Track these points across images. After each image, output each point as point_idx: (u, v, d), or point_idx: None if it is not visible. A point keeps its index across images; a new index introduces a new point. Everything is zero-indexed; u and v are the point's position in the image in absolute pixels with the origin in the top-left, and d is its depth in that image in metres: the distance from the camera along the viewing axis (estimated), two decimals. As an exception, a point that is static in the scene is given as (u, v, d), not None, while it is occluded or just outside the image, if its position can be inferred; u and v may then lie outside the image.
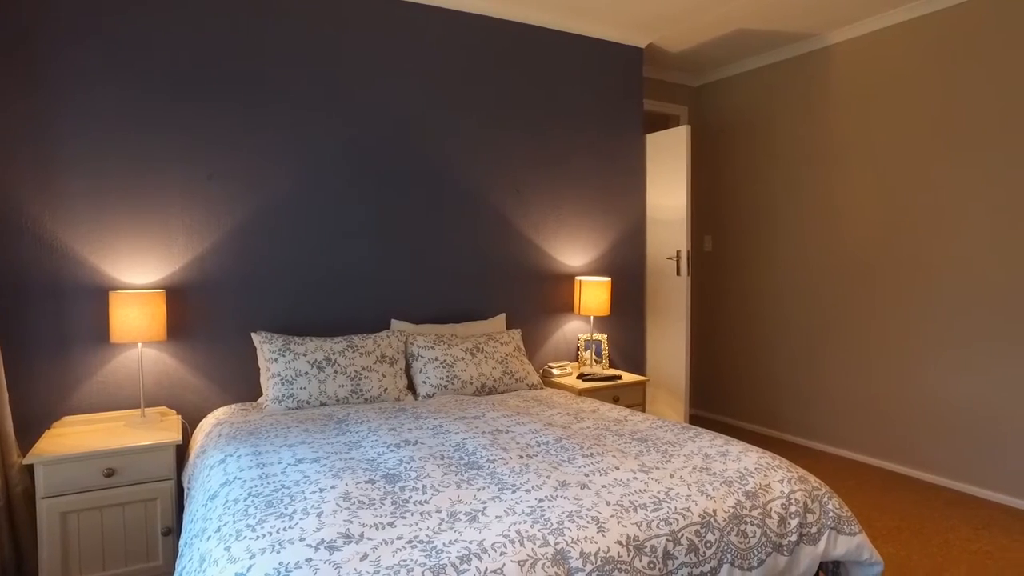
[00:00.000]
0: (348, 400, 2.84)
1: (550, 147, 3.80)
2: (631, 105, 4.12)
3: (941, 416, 3.65)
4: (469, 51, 3.51)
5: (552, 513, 1.61)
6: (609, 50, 4.01)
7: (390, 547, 1.44)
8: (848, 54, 4.07)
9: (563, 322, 3.89)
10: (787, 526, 1.84)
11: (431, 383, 3.04)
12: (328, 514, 1.58)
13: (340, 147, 3.17)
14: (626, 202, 4.11)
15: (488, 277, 3.62)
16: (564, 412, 2.65)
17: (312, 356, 2.85)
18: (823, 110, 4.22)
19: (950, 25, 3.54)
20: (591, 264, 3.98)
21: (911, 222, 3.77)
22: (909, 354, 3.80)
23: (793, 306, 4.46)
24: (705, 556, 1.65)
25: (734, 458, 2.05)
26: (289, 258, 3.07)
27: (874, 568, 1.99)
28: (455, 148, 3.49)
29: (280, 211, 3.04)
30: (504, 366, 3.21)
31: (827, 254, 4.23)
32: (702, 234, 5.16)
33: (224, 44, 2.89)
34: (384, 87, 3.27)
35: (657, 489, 1.79)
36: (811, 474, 2.06)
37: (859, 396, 4.07)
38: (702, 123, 5.13)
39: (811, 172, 4.31)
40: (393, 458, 2.03)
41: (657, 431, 2.34)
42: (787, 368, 4.51)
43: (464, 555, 1.41)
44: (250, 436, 2.28)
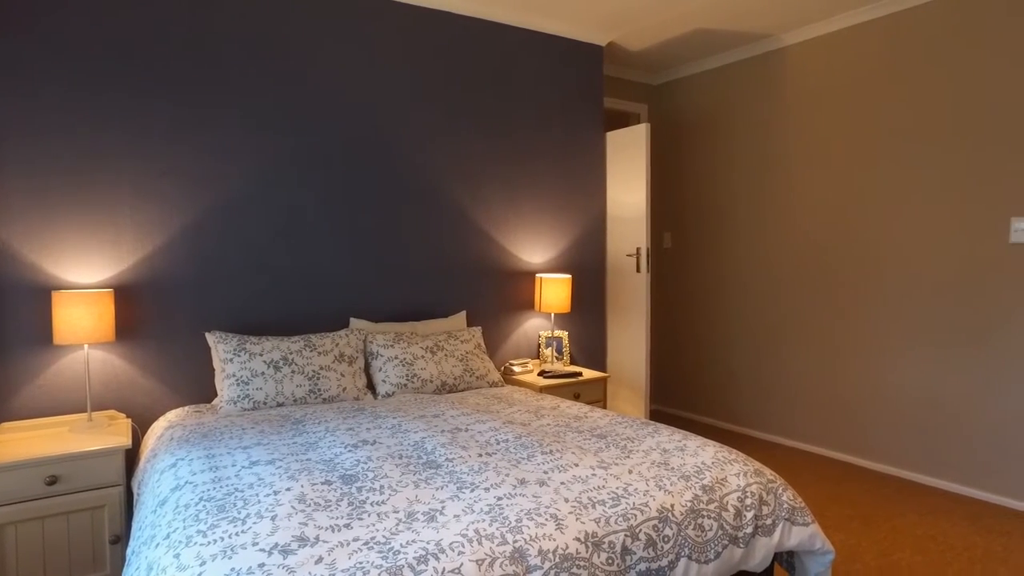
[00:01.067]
0: (306, 400, 2.79)
1: (510, 144, 3.80)
2: (591, 103, 4.14)
3: (891, 409, 3.77)
4: (428, 46, 3.48)
5: (511, 511, 1.61)
6: (570, 48, 4.02)
7: (346, 549, 1.42)
8: (803, 55, 4.16)
9: (524, 319, 3.89)
10: (743, 519, 1.88)
11: (391, 382, 3.01)
12: (283, 517, 1.55)
13: (297, 144, 3.11)
14: (586, 199, 4.13)
15: (448, 274, 3.59)
16: (524, 409, 2.65)
17: (268, 356, 2.79)
18: (780, 110, 4.31)
19: (899, 29, 3.65)
20: (552, 261, 3.99)
21: (866, 219, 3.87)
22: (862, 349, 3.91)
23: (751, 302, 4.55)
24: (663, 550, 1.67)
25: (692, 453, 2.08)
26: (244, 256, 3.00)
27: (826, 557, 2.04)
28: (414, 144, 3.45)
29: (235, 209, 2.97)
30: (464, 364, 3.19)
31: (784, 250, 4.32)
32: (662, 231, 5.23)
33: (176, 37, 2.81)
34: (342, 83, 3.22)
35: (616, 485, 1.80)
36: (767, 467, 2.10)
37: (814, 390, 4.17)
38: (662, 121, 5.19)
39: (768, 170, 4.40)
40: (351, 458, 2.00)
41: (616, 427, 2.35)
42: (745, 363, 4.60)
43: (421, 555, 1.40)
44: (203, 439, 2.22)
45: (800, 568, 2.11)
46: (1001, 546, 2.85)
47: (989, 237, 3.33)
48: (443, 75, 3.54)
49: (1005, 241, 3.27)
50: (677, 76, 5.01)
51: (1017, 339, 3.24)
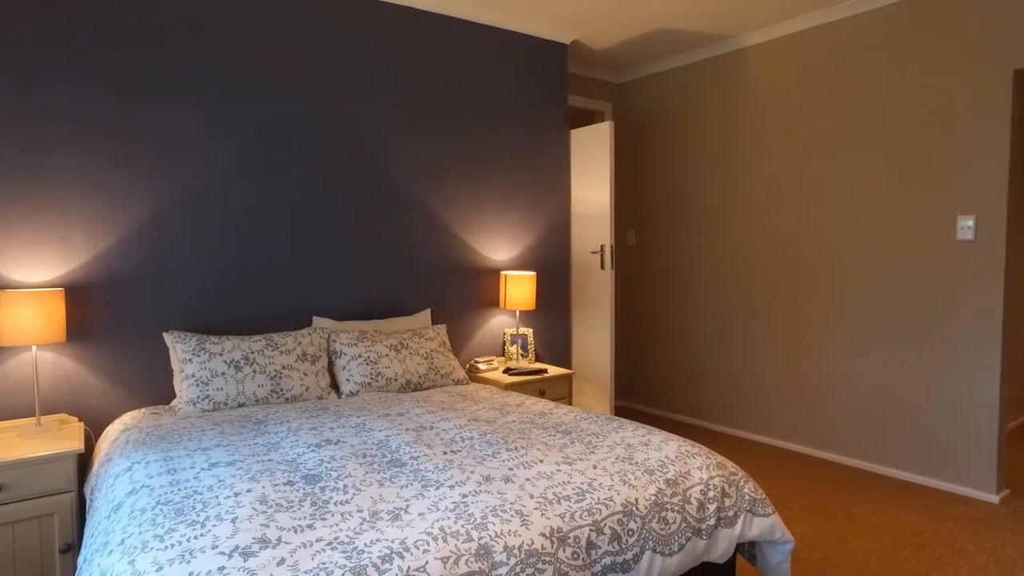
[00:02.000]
0: (268, 400, 2.74)
1: (474, 141, 3.78)
2: (556, 100, 4.15)
3: (847, 402, 3.87)
4: (392, 42, 3.45)
5: (476, 508, 1.60)
6: (534, 45, 4.03)
7: (309, 550, 1.40)
8: (762, 56, 4.24)
9: (489, 317, 3.89)
10: (706, 511, 1.90)
11: (355, 381, 2.98)
12: (243, 519, 1.52)
13: (257, 139, 3.05)
14: (551, 197, 4.14)
15: (412, 272, 3.57)
16: (489, 407, 2.65)
17: (229, 356, 2.73)
18: (740, 109, 4.39)
19: (853, 33, 3.75)
20: (516, 258, 4.00)
21: (823, 217, 3.97)
22: (820, 344, 4.01)
23: (713, 299, 4.63)
24: (627, 544, 1.69)
25: (656, 447, 2.10)
26: (204, 254, 2.93)
27: (786, 546, 2.09)
28: (377, 141, 3.42)
29: (193, 204, 2.90)
30: (429, 362, 3.18)
31: (745, 248, 4.40)
32: (626, 228, 5.27)
33: (128, 25, 2.72)
34: (304, 76, 3.17)
35: (580, 480, 1.81)
36: (729, 460, 2.14)
37: (775, 385, 4.26)
38: (626, 119, 5.23)
39: (730, 168, 4.48)
40: (314, 458, 1.97)
41: (581, 423, 2.37)
42: (708, 359, 4.68)
43: (386, 554, 1.39)
44: (161, 441, 2.16)
45: (761, 558, 2.15)
46: (948, 530, 2.95)
47: (937, 234, 3.44)
48: (407, 71, 3.51)
49: (952, 238, 3.39)
50: (641, 75, 5.06)
51: (963, 332, 3.36)
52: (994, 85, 3.22)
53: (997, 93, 3.22)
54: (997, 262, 3.23)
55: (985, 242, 3.27)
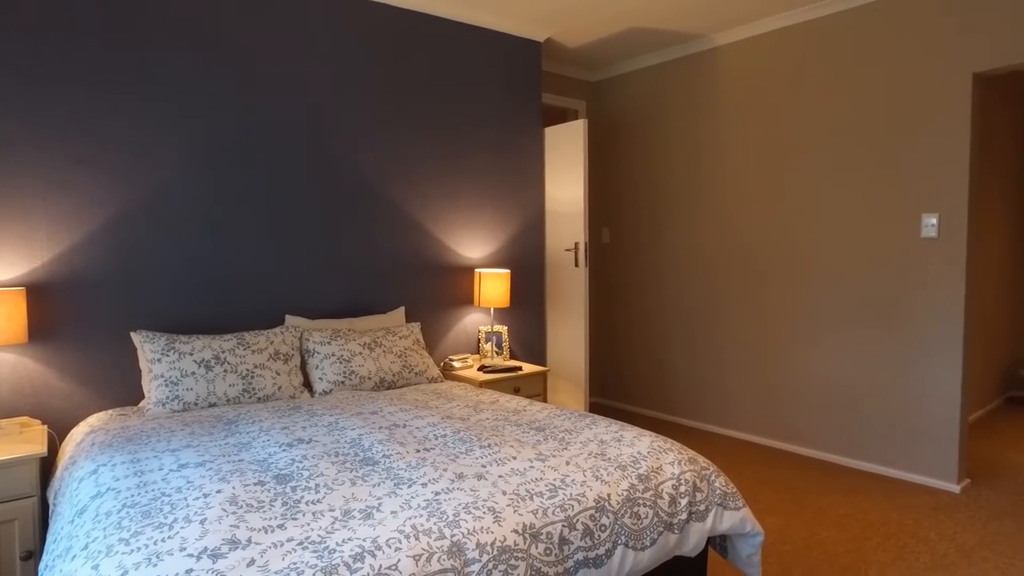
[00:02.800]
0: (239, 400, 2.71)
1: (448, 138, 3.77)
2: (530, 98, 4.16)
3: (816, 396, 3.94)
4: (366, 38, 3.42)
5: (448, 506, 1.60)
6: (509, 43, 4.03)
7: (279, 550, 1.39)
8: (733, 56, 4.29)
9: (463, 314, 3.88)
10: (677, 505, 1.93)
11: (328, 379, 2.95)
12: (212, 520, 1.50)
13: (228, 135, 3.01)
14: (525, 194, 4.15)
15: (386, 270, 3.55)
16: (463, 404, 2.65)
17: (199, 355, 2.69)
18: (711, 108, 4.44)
19: (821, 34, 3.82)
20: (491, 256, 4.00)
21: (789, 215, 4.03)
22: (789, 340, 4.07)
23: (686, 295, 4.67)
24: (600, 539, 1.70)
25: (628, 443, 2.12)
26: (173, 252, 2.88)
27: (756, 538, 2.12)
28: (351, 138, 3.39)
29: (162, 201, 2.84)
30: (403, 360, 3.16)
31: (716, 245, 4.46)
32: (600, 226, 5.30)
33: (94, 16, 2.66)
34: (276, 73, 3.13)
35: (553, 476, 1.82)
36: (700, 455, 2.16)
37: (747, 380, 4.32)
38: (600, 117, 5.26)
39: (701, 167, 4.52)
40: (285, 458, 1.96)
41: (555, 420, 2.38)
42: (681, 355, 4.73)
43: (358, 553, 1.38)
44: (128, 443, 2.12)
45: (732, 551, 2.18)
46: (912, 519, 3.03)
47: (903, 232, 3.52)
48: (381, 68, 3.48)
49: (917, 236, 3.46)
50: (614, 73, 5.09)
51: (927, 327, 3.44)
52: (954, 88, 3.30)
53: (957, 96, 3.29)
54: (959, 259, 3.32)
55: (948, 239, 3.36)
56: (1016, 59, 3.11)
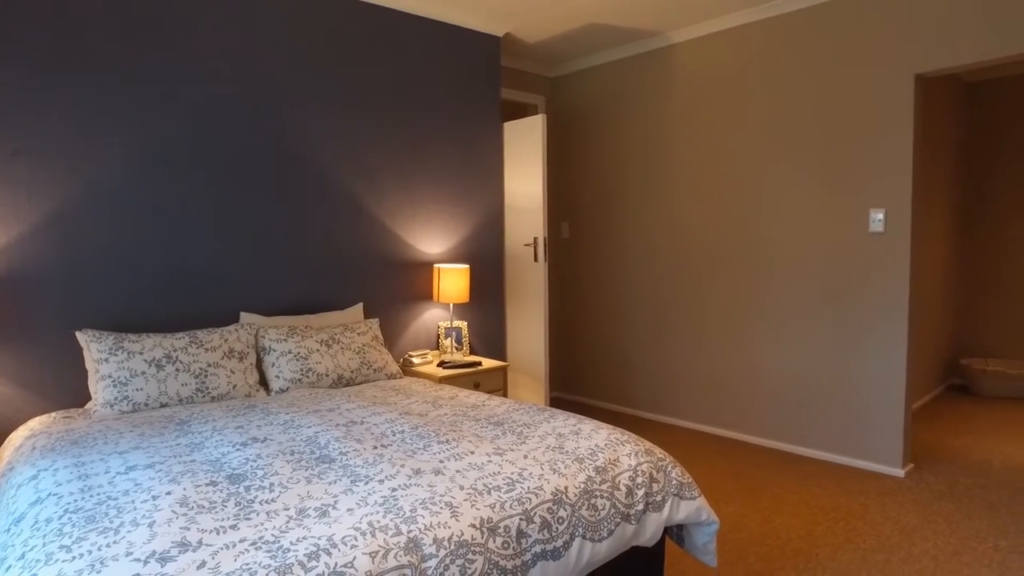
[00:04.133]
0: (193, 400, 2.64)
1: (406, 133, 3.74)
2: (489, 93, 4.15)
3: (770, 387, 4.04)
4: (320, 31, 3.36)
5: (405, 502, 1.59)
6: (467, 37, 4.01)
7: (231, 551, 1.36)
8: (689, 53, 4.35)
9: (423, 310, 3.86)
10: (634, 496, 1.95)
11: (284, 377, 2.91)
12: (161, 523, 1.46)
13: (180, 127, 2.92)
14: (484, 190, 4.14)
15: (344, 266, 3.50)
16: (422, 400, 2.63)
17: (150, 354, 2.62)
18: (669, 104, 4.49)
19: (773, 33, 3.90)
20: (450, 251, 3.98)
21: (743, 211, 4.12)
22: (744, 333, 4.16)
23: (644, 290, 4.74)
24: (557, 532, 1.71)
25: (586, 436, 2.14)
26: (120, 247, 2.79)
27: (711, 527, 2.17)
28: (306, 132, 3.33)
29: (109, 195, 2.75)
30: (361, 357, 3.13)
31: (673, 240, 4.52)
32: (559, 221, 5.33)
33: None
34: (230, 63, 3.05)
35: (511, 470, 1.83)
36: (657, 447, 2.20)
37: (703, 373, 4.40)
38: (560, 113, 5.28)
39: (659, 162, 4.58)
40: (239, 457, 1.92)
41: (513, 414, 2.39)
42: (639, 349, 4.79)
43: (312, 552, 1.36)
44: (73, 446, 2.05)
45: (688, 540, 2.23)
46: (860, 504, 3.14)
47: (851, 227, 3.63)
48: (336, 62, 3.43)
49: (865, 230, 3.58)
50: (573, 69, 5.11)
51: (874, 319, 3.56)
52: (898, 89, 3.42)
53: (901, 96, 3.41)
54: (904, 252, 3.44)
55: (894, 234, 3.47)
56: (954, 62, 3.23)
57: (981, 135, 5.62)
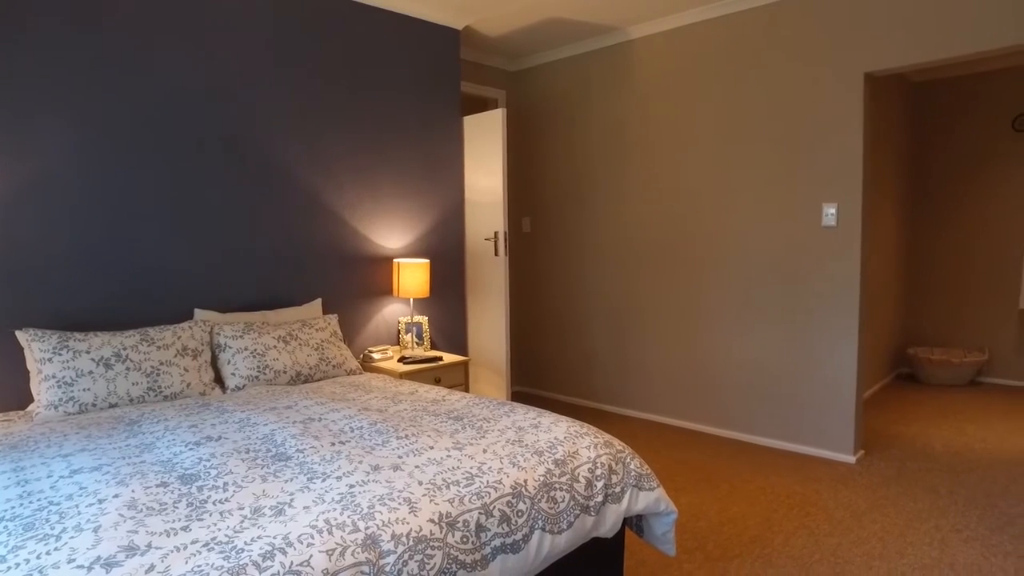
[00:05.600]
0: (144, 399, 2.57)
1: (365, 126, 3.69)
2: (448, 87, 4.12)
3: (727, 379, 4.12)
4: (278, 21, 3.29)
5: (363, 498, 1.57)
6: (426, 30, 3.97)
7: (182, 554, 1.32)
8: (648, 49, 4.39)
9: (383, 305, 3.82)
10: (593, 488, 1.97)
11: (240, 375, 2.84)
12: (107, 527, 1.41)
13: (131, 118, 2.82)
14: (444, 184, 4.12)
15: (302, 261, 3.44)
16: (382, 396, 2.61)
17: (98, 353, 2.53)
18: (628, 99, 4.53)
19: (729, 30, 3.96)
20: (410, 246, 3.95)
21: (702, 206, 4.18)
22: (701, 325, 4.23)
23: (605, 284, 4.77)
24: (517, 525, 1.72)
25: (545, 429, 2.14)
26: (65, 243, 2.68)
27: (670, 517, 2.20)
28: (263, 124, 3.26)
29: (50, 186, 2.64)
30: (320, 353, 3.08)
31: (632, 234, 4.57)
32: (521, 216, 5.33)
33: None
34: (181, 53, 2.96)
35: (470, 465, 1.82)
36: (616, 438, 2.22)
37: (663, 366, 4.46)
38: (521, 107, 5.27)
39: (618, 157, 4.62)
40: (191, 457, 1.87)
41: (473, 408, 2.38)
42: (600, 342, 4.83)
43: (267, 551, 1.34)
44: (12, 450, 1.97)
45: (648, 530, 2.26)
46: (814, 491, 3.22)
47: (805, 221, 3.72)
48: (293, 53, 3.36)
49: (818, 224, 3.67)
50: (534, 63, 5.11)
51: (827, 310, 3.65)
52: (848, 87, 3.51)
53: (851, 94, 3.50)
54: (855, 246, 3.54)
55: (845, 227, 3.57)
56: (901, 62, 3.33)
57: (927, 133, 5.82)
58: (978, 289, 5.61)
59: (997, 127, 5.43)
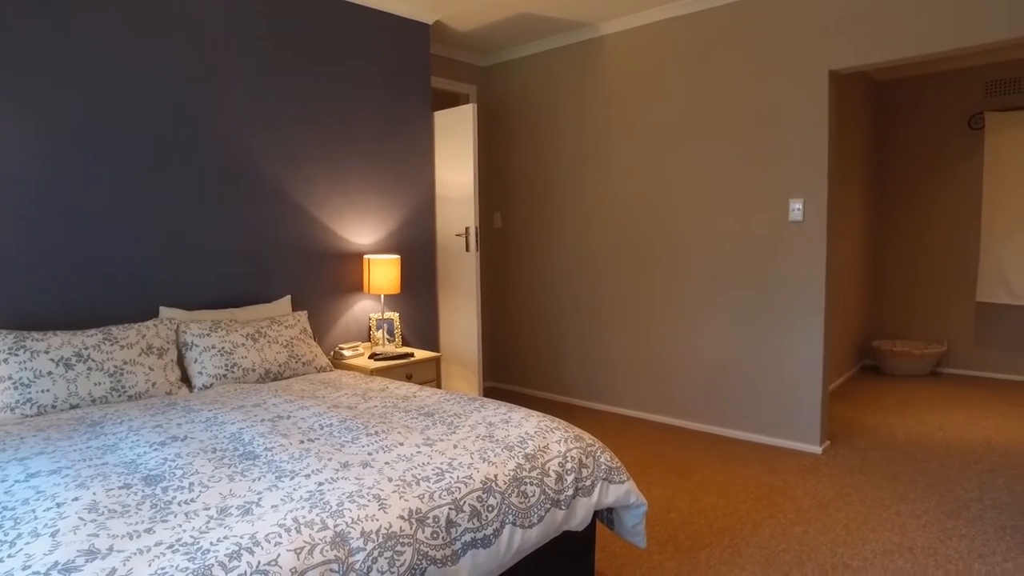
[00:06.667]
0: (107, 400, 2.51)
1: (335, 121, 3.65)
2: (419, 82, 4.09)
3: (697, 372, 4.17)
4: (245, 13, 3.23)
5: (332, 496, 1.56)
6: (396, 24, 3.94)
7: (146, 556, 1.30)
8: (618, 45, 4.41)
9: (353, 302, 3.79)
10: (564, 482, 1.98)
11: (208, 373, 2.80)
12: (66, 531, 1.38)
13: (89, 110, 2.75)
14: (415, 179, 4.09)
15: (271, 258, 3.40)
16: (352, 393, 2.59)
17: (57, 353, 2.47)
18: (598, 95, 4.55)
19: (698, 27, 4.00)
20: (380, 242, 3.92)
21: (670, 200, 4.22)
22: (672, 320, 4.28)
23: (575, 278, 4.79)
24: (487, 520, 1.72)
25: (516, 424, 2.15)
26: (21, 240, 2.60)
27: (640, 509, 2.22)
28: (231, 119, 3.20)
29: (8, 182, 2.56)
30: (290, 350, 3.05)
31: (603, 229, 4.60)
32: (492, 211, 5.33)
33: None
34: (142, 43, 2.89)
35: (440, 461, 1.82)
36: (586, 432, 2.23)
37: (634, 360, 4.50)
38: (492, 102, 5.26)
39: (588, 153, 4.64)
40: (156, 457, 1.84)
41: (444, 404, 2.38)
42: (572, 337, 4.85)
43: (234, 552, 1.32)
44: (-32, 452, 1.91)
45: (618, 522, 2.28)
46: (781, 481, 3.29)
47: (773, 216, 3.77)
48: (260, 47, 3.30)
49: (785, 219, 3.73)
50: (505, 59, 5.10)
51: (794, 303, 3.72)
52: (814, 84, 3.57)
53: (817, 91, 3.56)
54: (820, 240, 3.60)
55: (811, 222, 3.63)
56: (865, 60, 3.40)
57: (890, 130, 5.95)
58: (938, 283, 5.76)
59: (955, 125, 5.57)
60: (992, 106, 5.36)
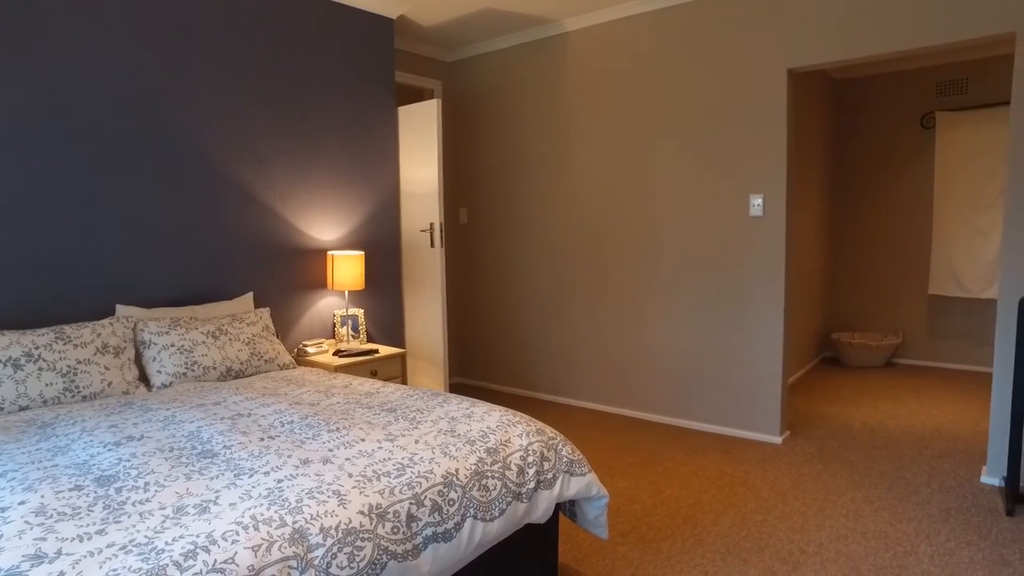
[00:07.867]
0: (60, 400, 2.45)
1: (296, 116, 3.60)
2: (382, 76, 4.06)
3: (660, 365, 4.23)
4: (207, 5, 3.16)
5: (291, 492, 1.55)
6: (359, 18, 3.90)
7: (96, 558, 1.28)
8: (582, 41, 4.44)
9: (317, 299, 3.75)
10: (525, 475, 2.00)
11: (167, 372, 2.75)
12: (11, 536, 1.35)
13: (41, 102, 2.66)
14: (379, 175, 4.06)
15: (232, 254, 3.34)
16: (315, 390, 2.57)
17: (5, 353, 2.40)
18: (563, 91, 4.57)
19: (661, 24, 4.04)
20: (344, 238, 3.89)
21: (633, 196, 4.27)
22: (636, 314, 4.33)
23: (540, 274, 4.82)
24: (448, 514, 1.73)
25: (478, 419, 2.16)
26: (-34, 237, 2.52)
27: (602, 501, 2.25)
28: (191, 112, 3.14)
29: (-52, 179, 2.48)
30: (251, 348, 3.01)
31: (567, 225, 4.63)
32: (458, 207, 5.32)
33: None
34: (102, 35, 2.81)
35: (402, 456, 1.82)
36: (548, 426, 2.25)
37: (598, 354, 4.55)
38: (457, 98, 5.25)
39: (553, 149, 4.66)
40: (110, 458, 1.80)
41: (407, 400, 2.37)
42: (536, 332, 4.88)
43: (189, 551, 1.30)
44: (-90, 456, 1.85)
45: (580, 514, 2.30)
46: (743, 471, 3.36)
47: (734, 211, 3.84)
48: (225, 40, 3.24)
49: (746, 215, 3.80)
50: (470, 54, 5.09)
51: (754, 297, 3.80)
52: (773, 82, 3.64)
53: (775, 89, 3.63)
54: (780, 234, 3.68)
55: (771, 217, 3.71)
56: (822, 59, 3.48)
57: (847, 128, 6.10)
58: (893, 276, 5.93)
59: (908, 124, 5.74)
60: (943, 106, 5.53)
